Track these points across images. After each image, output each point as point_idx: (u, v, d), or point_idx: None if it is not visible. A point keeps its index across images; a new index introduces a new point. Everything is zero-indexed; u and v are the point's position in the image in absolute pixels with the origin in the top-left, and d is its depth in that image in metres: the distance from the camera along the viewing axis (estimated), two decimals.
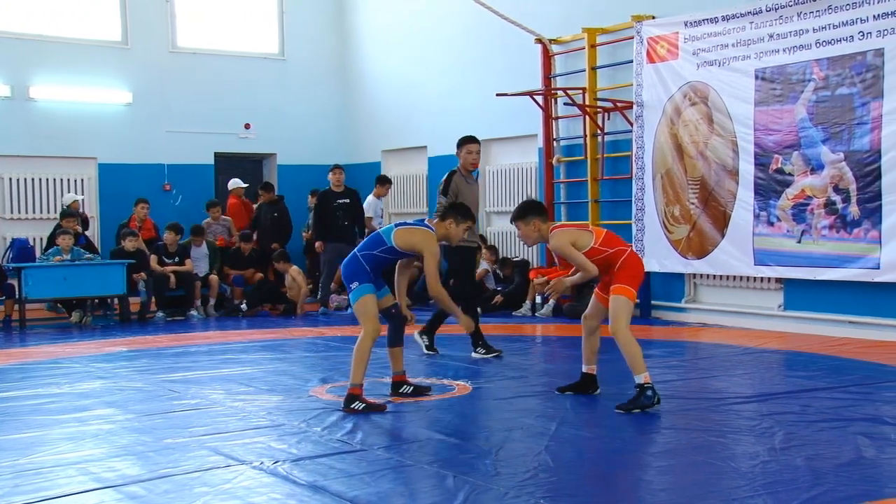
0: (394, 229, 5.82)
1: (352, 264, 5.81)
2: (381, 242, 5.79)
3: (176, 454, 4.75)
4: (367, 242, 5.88)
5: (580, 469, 4.48)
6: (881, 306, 8.51)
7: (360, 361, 5.73)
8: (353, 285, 5.75)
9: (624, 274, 5.67)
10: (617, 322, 5.60)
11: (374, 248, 5.78)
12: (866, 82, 8.36)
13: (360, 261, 5.77)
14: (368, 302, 5.73)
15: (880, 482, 4.16)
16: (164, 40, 14.17)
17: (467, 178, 7.87)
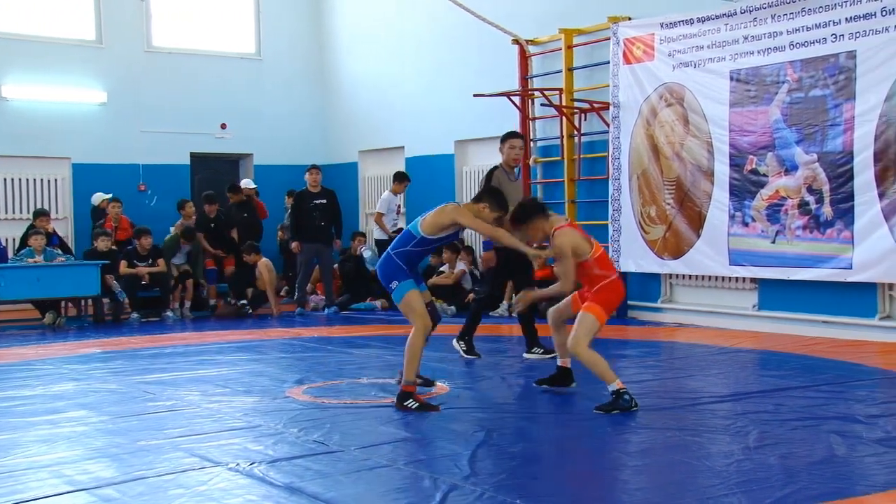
0: (418, 222, 5.81)
1: (387, 264, 5.82)
2: (411, 237, 5.79)
3: (150, 456, 4.72)
4: (398, 241, 5.88)
5: (557, 469, 4.49)
6: (853, 306, 8.60)
7: (412, 358, 5.69)
8: (393, 284, 5.74)
9: (604, 296, 5.68)
10: (576, 339, 5.59)
11: (406, 245, 5.78)
12: (839, 84, 8.44)
13: (395, 259, 5.78)
14: (413, 298, 5.73)
15: (852, 480, 4.20)
16: (139, 39, 14.06)
17: (510, 174, 7.68)
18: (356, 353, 8.25)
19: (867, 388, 6.34)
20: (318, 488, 4.10)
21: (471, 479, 4.20)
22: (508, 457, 4.58)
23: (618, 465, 4.55)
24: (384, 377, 6.92)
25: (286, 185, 13.69)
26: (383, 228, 12.16)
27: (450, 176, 13.16)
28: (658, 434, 5.09)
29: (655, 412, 5.69)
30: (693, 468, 4.38)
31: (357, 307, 12.02)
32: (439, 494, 3.97)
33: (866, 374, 6.87)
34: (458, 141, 13.09)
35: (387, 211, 12.35)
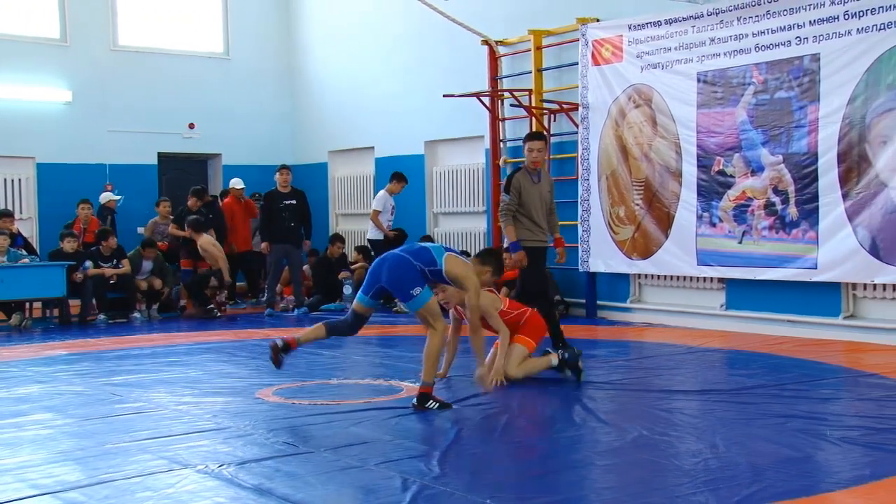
0: (444, 254, 5.90)
1: (409, 270, 5.79)
2: (432, 262, 5.86)
3: (117, 459, 4.67)
4: (420, 255, 5.87)
5: (527, 468, 4.51)
6: (818, 305, 8.72)
7: (434, 361, 5.79)
8: (416, 291, 5.74)
9: (530, 329, 6.52)
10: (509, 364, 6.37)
11: (426, 266, 5.84)
12: (803, 86, 8.55)
13: (418, 269, 5.80)
14: (435, 304, 5.85)
15: (817, 477, 4.27)
16: (104, 38, 13.91)
17: (532, 175, 7.45)
18: (327, 354, 8.22)
19: (832, 387, 6.44)
20: (288, 489, 4.09)
21: (441, 479, 4.21)
22: (479, 457, 4.59)
23: (587, 463, 4.58)
24: (354, 378, 6.91)
25: (255, 186, 13.60)
26: (379, 226, 12.00)
27: (420, 176, 13.16)
28: (626, 433, 5.13)
29: (624, 411, 5.74)
30: (661, 467, 4.42)
31: (327, 308, 11.98)
32: (409, 494, 3.97)
33: (831, 373, 6.96)
34: (427, 141, 13.09)
35: (383, 209, 12.21)
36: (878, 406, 5.68)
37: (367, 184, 14.21)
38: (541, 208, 7.40)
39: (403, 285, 5.77)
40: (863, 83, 8.12)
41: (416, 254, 5.89)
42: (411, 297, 5.75)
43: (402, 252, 5.95)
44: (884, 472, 4.23)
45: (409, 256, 5.85)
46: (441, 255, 5.88)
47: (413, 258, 5.84)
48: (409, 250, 5.97)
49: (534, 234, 7.34)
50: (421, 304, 5.77)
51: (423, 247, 6.04)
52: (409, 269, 5.79)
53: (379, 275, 5.87)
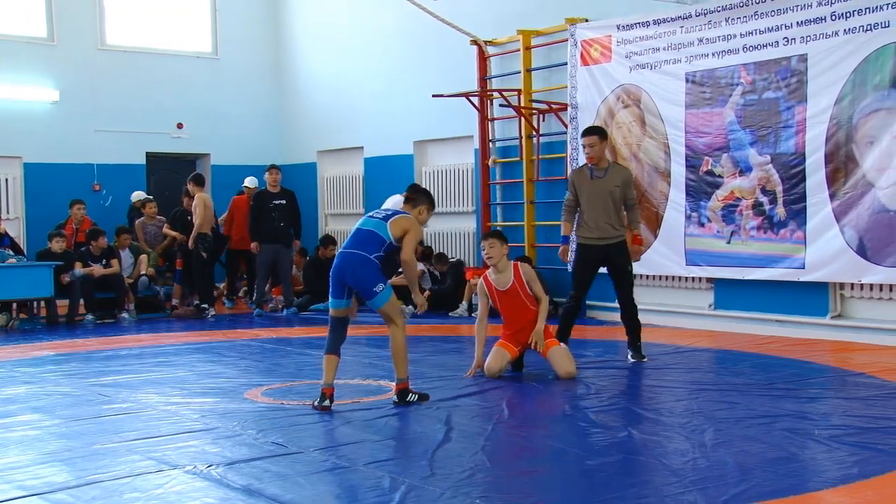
0: (385, 224, 5.82)
1: (371, 267, 5.75)
2: (381, 241, 5.79)
3: (105, 460, 4.65)
4: (367, 243, 5.79)
5: (515, 469, 4.51)
6: (806, 305, 8.76)
7: (403, 357, 5.91)
8: (379, 288, 5.74)
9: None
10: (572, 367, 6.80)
11: (380, 250, 5.79)
12: (791, 87, 8.59)
13: (376, 262, 5.77)
14: (395, 301, 5.91)
15: (804, 476, 4.28)
16: (92, 37, 13.86)
17: (593, 171, 7.38)
18: (315, 354, 8.19)
19: (819, 386, 6.46)
20: (277, 490, 4.08)
21: (430, 479, 4.21)
22: (468, 457, 4.59)
23: (576, 464, 4.58)
24: (343, 378, 6.90)
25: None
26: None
27: (409, 176, 13.14)
28: (615, 433, 5.14)
29: (612, 411, 5.75)
30: (650, 467, 4.43)
31: (316, 308, 11.96)
32: (398, 495, 3.97)
33: (818, 373, 7.00)
34: (416, 141, 13.09)
35: None
36: (865, 405, 5.71)
37: (357, 184, 14.20)
38: (600, 205, 7.35)
39: (366, 283, 5.75)
40: (850, 84, 8.16)
41: (367, 244, 5.80)
42: (374, 295, 5.75)
43: (355, 249, 5.81)
44: (871, 471, 4.25)
45: (363, 253, 5.77)
46: (384, 227, 5.82)
47: (368, 252, 5.76)
48: (359, 241, 5.84)
49: (588, 231, 7.41)
50: (382, 303, 5.77)
51: (367, 231, 5.86)
52: (368, 266, 5.75)
53: (343, 276, 5.84)
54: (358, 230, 5.93)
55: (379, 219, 5.91)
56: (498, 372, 6.79)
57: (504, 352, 6.85)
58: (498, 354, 6.83)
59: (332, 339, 6.00)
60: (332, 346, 5.99)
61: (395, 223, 5.83)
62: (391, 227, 5.81)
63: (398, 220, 5.86)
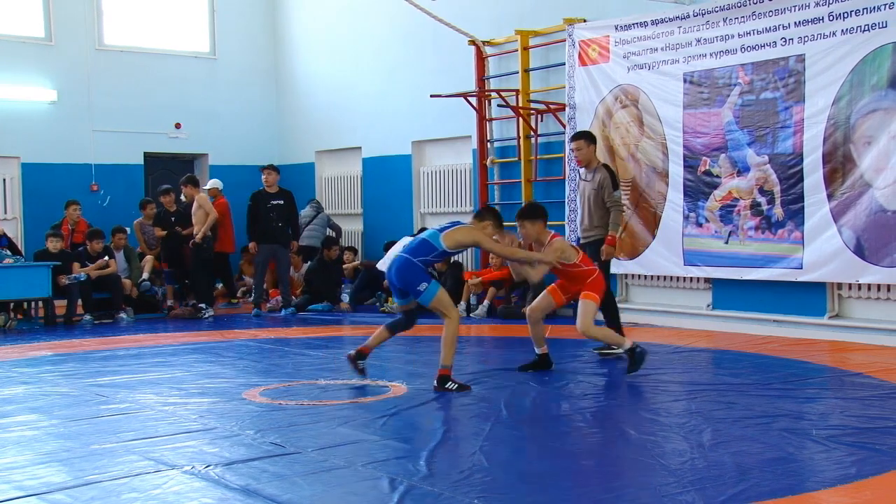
0: (440, 234, 6.31)
1: (412, 269, 6.24)
2: (432, 248, 6.29)
3: (103, 460, 4.65)
4: (419, 250, 6.29)
5: (514, 469, 4.51)
6: (804, 305, 8.77)
7: (451, 346, 6.27)
8: (422, 286, 6.21)
9: (594, 286, 6.79)
10: (585, 321, 6.71)
11: (428, 255, 6.30)
12: (789, 87, 8.59)
13: (418, 264, 6.25)
14: (444, 295, 6.29)
15: (802, 476, 4.29)
16: (89, 37, 13.84)
17: (583, 173, 7.94)
18: (313, 355, 8.21)
19: (817, 386, 6.47)
20: (275, 490, 4.08)
21: (428, 479, 4.21)
22: (466, 457, 4.59)
23: (574, 464, 4.59)
24: (342, 378, 6.90)
25: (242, 186, 13.49)
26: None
27: (407, 176, 13.16)
28: (613, 433, 5.14)
29: (610, 411, 5.76)
30: (648, 467, 4.43)
31: (315, 308, 11.96)
32: (397, 495, 3.97)
33: (816, 372, 7.00)
34: (415, 141, 13.09)
35: None
36: (863, 405, 5.71)
37: (355, 184, 14.20)
38: (585, 205, 7.89)
39: (411, 284, 6.23)
40: (847, 84, 8.17)
41: (415, 250, 6.30)
42: (420, 293, 6.22)
43: (402, 253, 6.36)
44: (869, 472, 4.26)
45: (408, 256, 6.27)
46: (437, 238, 6.28)
47: (412, 255, 6.26)
48: (408, 248, 6.37)
49: (578, 230, 7.97)
50: (430, 298, 6.23)
51: (421, 239, 6.39)
52: (412, 269, 6.24)
53: (391, 279, 6.41)
54: (416, 237, 6.60)
55: (436, 230, 6.42)
56: (539, 312, 6.92)
57: (551, 298, 6.94)
58: (545, 298, 6.95)
59: (395, 322, 6.64)
60: (393, 324, 6.63)
61: (450, 235, 6.32)
62: (444, 239, 6.29)
63: (452, 232, 6.33)
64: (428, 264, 6.39)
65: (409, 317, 6.58)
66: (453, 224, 6.47)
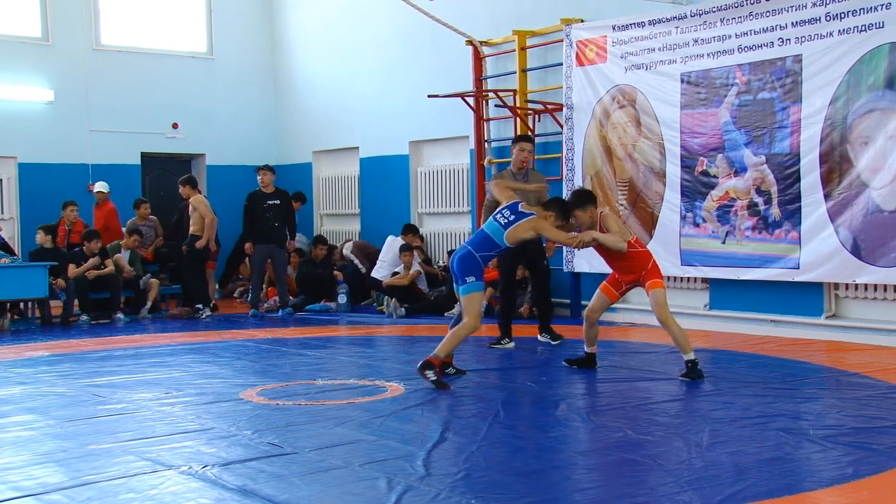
0: (504, 231, 6.47)
1: (471, 261, 6.45)
2: (494, 245, 6.52)
3: (100, 460, 4.64)
4: (480, 243, 6.52)
5: (511, 468, 4.51)
6: (801, 305, 8.77)
7: (453, 342, 6.45)
8: (470, 279, 6.41)
9: (654, 273, 6.76)
10: (662, 310, 6.69)
11: (490, 250, 6.55)
12: (786, 87, 8.60)
13: (479, 260, 6.46)
14: (478, 299, 6.46)
15: (799, 476, 4.29)
16: (87, 37, 13.83)
17: (517, 176, 8.15)
18: (311, 355, 8.20)
19: (814, 386, 6.48)
20: (273, 490, 4.07)
21: (426, 479, 4.21)
22: (463, 457, 4.59)
23: (571, 463, 4.59)
24: (339, 378, 6.90)
25: (239, 186, 13.48)
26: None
27: (405, 176, 13.15)
28: (611, 433, 5.14)
29: (608, 411, 5.76)
30: (645, 467, 4.43)
31: (312, 308, 11.95)
32: (395, 495, 3.96)
33: (813, 372, 7.01)
34: (412, 141, 13.08)
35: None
36: (860, 405, 5.72)
37: (353, 184, 14.19)
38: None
39: (463, 272, 6.44)
40: (844, 84, 8.18)
41: (479, 244, 6.52)
42: (464, 283, 6.42)
43: (468, 246, 6.55)
44: (866, 472, 4.26)
45: (472, 249, 6.50)
46: (501, 235, 6.47)
47: (475, 249, 6.49)
48: (473, 241, 6.61)
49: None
50: (467, 292, 6.40)
51: (485, 235, 6.57)
52: (470, 261, 6.45)
53: (453, 266, 6.59)
54: (481, 230, 6.66)
55: (499, 225, 6.53)
56: (597, 313, 7.03)
57: (605, 297, 7.00)
58: (600, 298, 7.01)
59: (457, 319, 6.85)
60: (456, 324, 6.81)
61: (513, 230, 6.47)
62: (508, 235, 6.47)
63: (516, 228, 6.47)
64: (489, 260, 6.60)
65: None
66: (515, 211, 6.51)
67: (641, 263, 6.76)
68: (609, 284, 6.97)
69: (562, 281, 10.78)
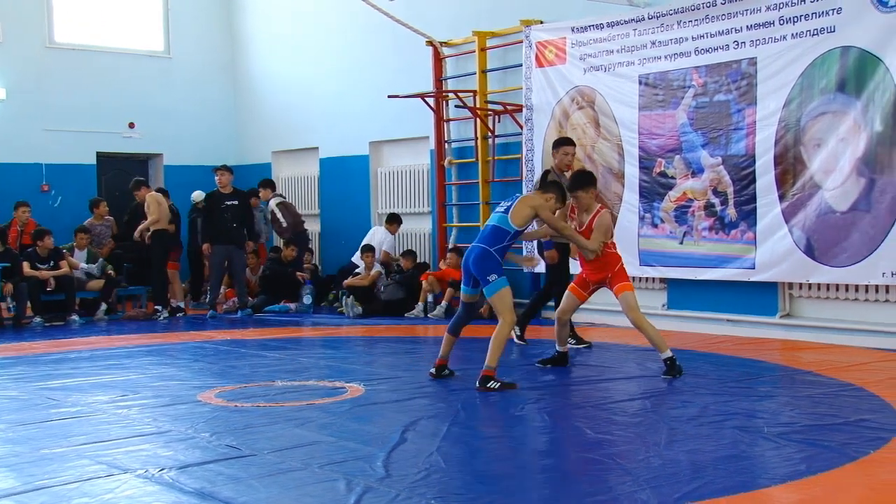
0: (507, 216, 6.34)
1: (488, 259, 6.31)
2: (504, 233, 6.35)
3: (53, 465, 4.56)
4: (491, 237, 6.36)
5: (471, 469, 4.52)
6: (756, 304, 8.90)
7: (499, 347, 6.30)
8: (492, 277, 6.28)
9: (622, 275, 6.91)
10: (634, 313, 6.79)
11: (503, 241, 6.35)
12: (741, 89, 8.72)
13: (495, 255, 6.32)
14: (507, 294, 6.32)
15: (755, 473, 4.35)
16: (39, 35, 13.60)
17: (561, 178, 7.99)
18: (270, 356, 8.15)
19: (769, 385, 6.58)
20: (231, 493, 4.04)
21: (386, 480, 4.20)
22: (423, 458, 4.59)
23: (530, 463, 4.61)
24: (299, 380, 6.86)
25: (197, 186, 13.28)
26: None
27: (364, 177, 13.12)
28: (570, 433, 5.17)
29: (567, 411, 5.79)
30: (604, 466, 4.46)
31: (271, 309, 11.87)
32: (354, 496, 3.95)
33: (768, 371, 7.12)
34: (372, 142, 13.05)
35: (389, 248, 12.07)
36: (813, 403, 5.82)
37: (312, 184, 14.12)
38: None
39: (483, 273, 6.30)
40: (798, 87, 8.31)
41: (489, 238, 6.36)
42: (488, 283, 6.30)
43: (479, 243, 6.40)
44: (818, 468, 4.33)
45: (485, 246, 6.34)
46: (506, 221, 6.34)
47: (489, 244, 6.33)
48: (483, 236, 6.42)
49: None
50: (494, 292, 6.28)
51: (492, 227, 6.41)
52: (487, 258, 6.31)
53: (468, 266, 6.44)
54: (488, 225, 6.49)
55: (501, 212, 6.42)
56: (567, 314, 7.11)
57: (575, 297, 7.07)
58: (570, 299, 7.07)
59: (456, 320, 6.70)
60: (454, 326, 6.69)
61: (516, 212, 6.33)
62: (512, 218, 6.33)
63: (517, 209, 6.35)
64: (504, 251, 6.40)
65: (468, 310, 6.68)
66: (513, 198, 6.45)
67: (611, 265, 6.92)
68: (577, 286, 7.08)
69: (522, 282, 10.83)
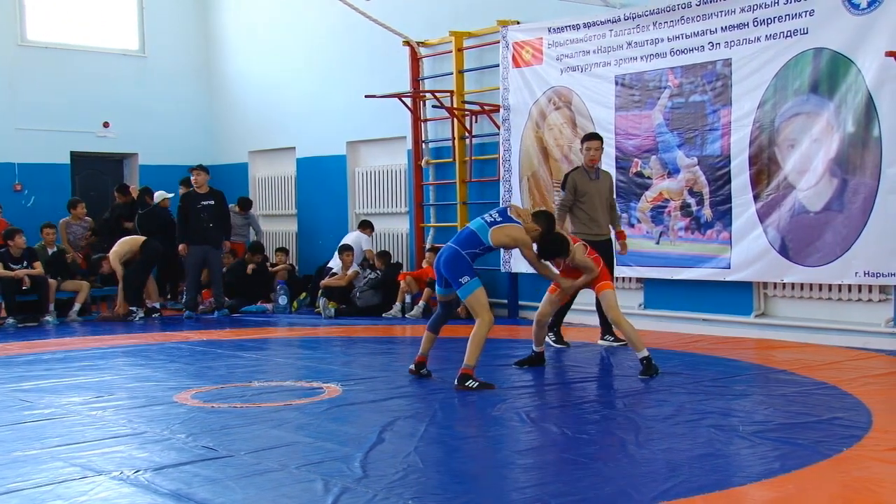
0: (489, 229, 6.39)
1: (459, 261, 6.34)
2: (479, 242, 6.38)
3: (26, 467, 4.52)
4: (465, 241, 6.40)
5: (448, 469, 4.53)
6: (731, 304, 8.97)
7: (477, 346, 6.33)
8: (464, 280, 6.31)
9: (603, 274, 7.03)
10: (613, 311, 6.93)
11: (475, 248, 6.38)
12: (717, 90, 8.79)
13: (466, 257, 6.35)
14: (481, 294, 6.37)
15: (729, 472, 4.39)
16: (11, 33, 13.45)
17: (590, 173, 8.10)
18: (247, 357, 8.11)
19: (744, 383, 6.63)
20: (207, 494, 4.02)
21: (363, 480, 4.19)
22: (401, 458, 4.59)
23: (507, 463, 4.62)
24: (276, 380, 6.84)
25: (173, 186, 13.22)
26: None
27: (342, 177, 13.09)
28: (546, 433, 5.19)
29: (544, 411, 5.81)
30: (581, 465, 4.48)
31: (248, 310, 11.81)
32: (331, 497, 3.94)
33: (743, 370, 7.17)
34: (349, 142, 13.03)
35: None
36: (787, 401, 5.87)
37: (289, 184, 14.07)
38: (599, 204, 8.04)
39: (454, 274, 6.34)
40: (772, 88, 8.39)
41: (463, 242, 6.41)
42: (460, 286, 6.33)
43: (452, 243, 6.45)
44: (792, 466, 4.37)
45: (457, 247, 6.39)
46: (486, 232, 6.39)
47: (461, 247, 6.37)
48: (458, 239, 6.48)
49: (590, 228, 8.01)
50: (469, 293, 6.32)
51: (470, 231, 6.46)
52: (458, 261, 6.34)
53: (439, 267, 6.49)
54: (466, 227, 6.56)
55: (485, 222, 6.46)
56: (546, 317, 7.20)
57: (555, 299, 7.16)
58: (549, 300, 7.15)
59: (435, 318, 6.77)
60: (433, 324, 6.74)
61: (499, 231, 6.38)
62: (492, 234, 6.37)
63: (501, 229, 6.40)
64: (475, 256, 6.41)
65: (446, 308, 6.73)
66: (503, 214, 6.50)
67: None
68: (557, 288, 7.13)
69: (499, 281, 10.85)
